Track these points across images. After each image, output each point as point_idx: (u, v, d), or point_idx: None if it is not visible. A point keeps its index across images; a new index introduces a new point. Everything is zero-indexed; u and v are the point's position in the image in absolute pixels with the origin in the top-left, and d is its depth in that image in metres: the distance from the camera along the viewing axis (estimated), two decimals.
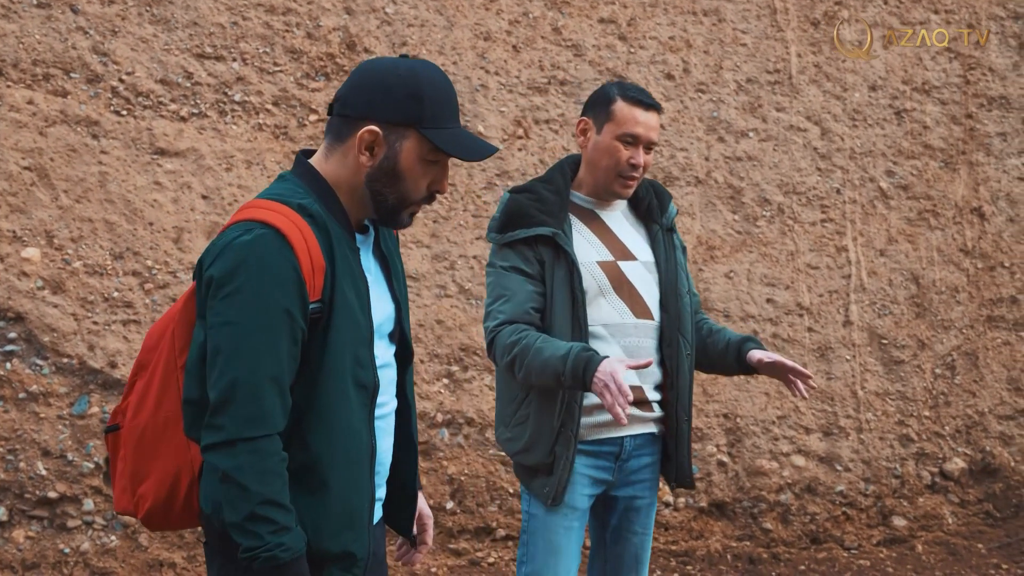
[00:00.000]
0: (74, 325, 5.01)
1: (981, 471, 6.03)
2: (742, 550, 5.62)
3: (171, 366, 2.33)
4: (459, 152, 2.32)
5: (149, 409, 2.35)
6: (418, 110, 2.29)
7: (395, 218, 2.38)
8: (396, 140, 2.30)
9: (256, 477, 2.15)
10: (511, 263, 3.24)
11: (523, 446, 3.28)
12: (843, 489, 5.84)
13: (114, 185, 5.10)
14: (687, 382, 3.40)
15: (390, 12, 5.52)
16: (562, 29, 5.72)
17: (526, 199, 3.29)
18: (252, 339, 2.17)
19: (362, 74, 2.35)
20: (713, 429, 5.74)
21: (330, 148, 2.37)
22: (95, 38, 5.14)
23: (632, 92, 3.30)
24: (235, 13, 5.33)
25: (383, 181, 2.33)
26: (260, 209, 2.26)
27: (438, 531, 5.34)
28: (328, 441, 2.28)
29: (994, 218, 6.16)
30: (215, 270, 2.20)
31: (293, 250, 2.20)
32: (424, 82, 2.31)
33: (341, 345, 2.28)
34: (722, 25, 5.94)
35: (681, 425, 3.39)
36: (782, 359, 3.30)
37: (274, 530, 2.17)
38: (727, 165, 5.88)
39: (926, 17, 6.16)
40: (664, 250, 3.42)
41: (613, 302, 3.28)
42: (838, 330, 5.95)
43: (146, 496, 2.35)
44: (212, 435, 2.17)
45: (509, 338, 3.14)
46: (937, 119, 6.15)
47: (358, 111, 2.31)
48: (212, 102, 5.28)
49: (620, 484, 3.38)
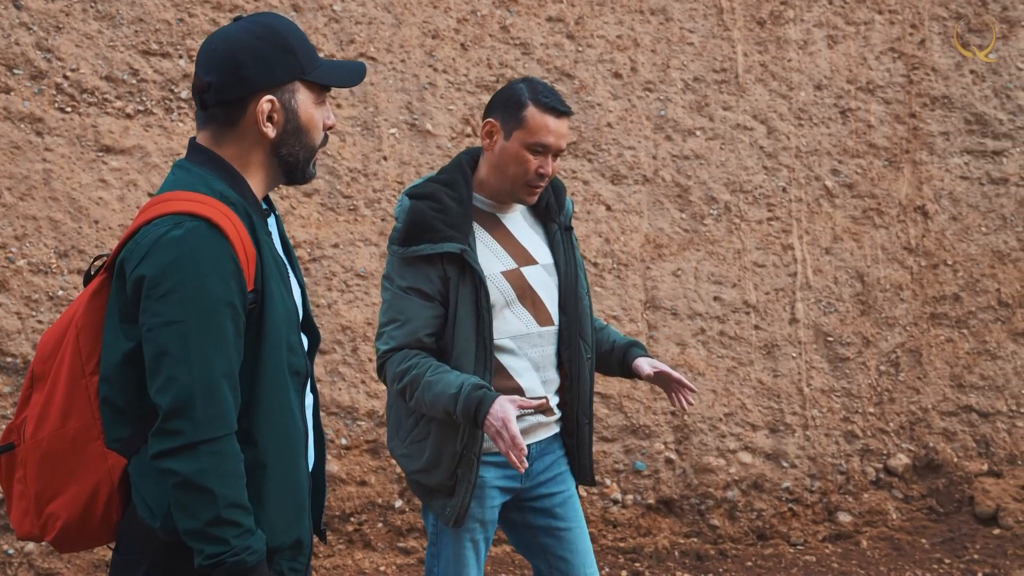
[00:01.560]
0: (18, 324, 4.96)
1: (925, 467, 6.11)
2: (690, 547, 5.66)
3: (76, 375, 2.22)
4: (343, 82, 2.36)
5: (53, 423, 2.23)
6: (295, 62, 2.28)
7: (305, 172, 2.37)
8: (289, 98, 2.29)
9: (220, 480, 2.09)
10: (410, 283, 3.07)
11: (422, 466, 3.15)
12: (789, 485, 5.90)
13: (59, 183, 5.06)
14: (588, 386, 3.31)
15: (338, 9, 5.52)
16: (510, 27, 5.74)
17: (429, 209, 3.09)
18: (200, 338, 2.10)
19: (218, 55, 2.27)
20: (660, 426, 5.77)
21: (219, 135, 2.29)
22: (39, 34, 5.09)
23: (544, 97, 3.13)
24: (181, 10, 5.30)
25: (291, 142, 2.31)
26: (184, 201, 2.18)
27: (386, 529, 5.34)
28: (275, 434, 2.24)
29: (937, 216, 6.24)
30: (146, 269, 2.11)
31: (228, 241, 2.15)
32: (285, 33, 2.29)
33: (276, 334, 2.24)
34: (669, 24, 5.97)
35: (582, 428, 3.32)
36: (667, 369, 3.24)
37: (239, 533, 2.11)
38: (674, 164, 5.92)
39: (870, 17, 6.22)
40: (563, 251, 3.30)
41: (518, 312, 3.17)
42: (784, 328, 6.00)
43: (57, 515, 2.24)
44: (168, 440, 2.09)
45: (399, 366, 3.02)
46: (881, 118, 6.22)
47: (240, 91, 2.25)
48: (158, 99, 5.24)
49: (530, 487, 3.29)
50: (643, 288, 5.83)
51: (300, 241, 5.34)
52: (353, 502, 5.31)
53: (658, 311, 5.81)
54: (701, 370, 5.86)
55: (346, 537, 5.30)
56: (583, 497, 5.59)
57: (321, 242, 5.37)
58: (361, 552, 5.30)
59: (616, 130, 5.84)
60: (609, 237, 5.78)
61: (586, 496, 5.60)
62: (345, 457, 5.32)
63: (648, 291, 5.82)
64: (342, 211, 5.40)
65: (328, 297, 5.36)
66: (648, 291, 5.82)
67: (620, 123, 5.85)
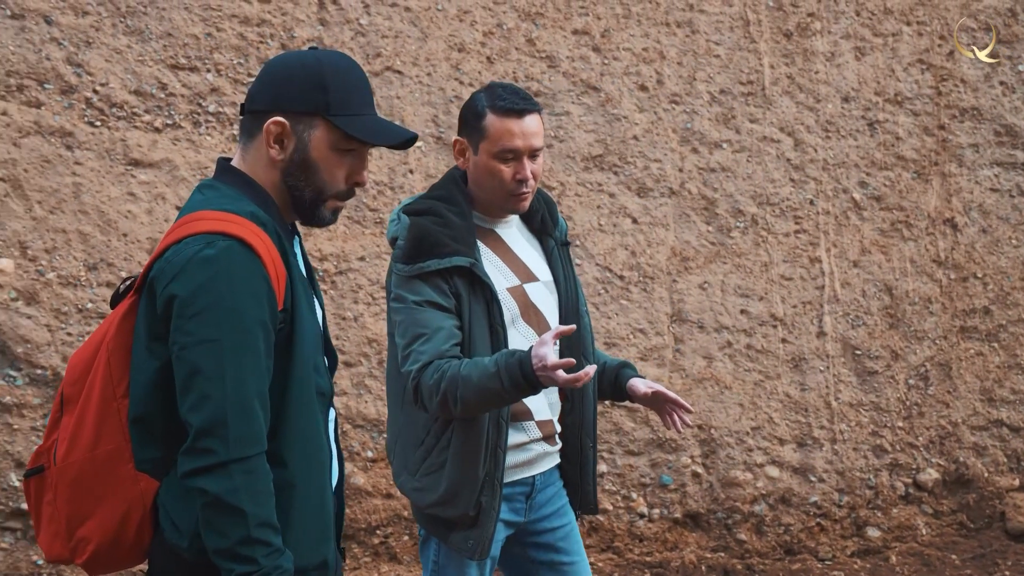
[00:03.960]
0: (48, 336, 5.00)
1: (955, 482, 6.05)
2: (716, 561, 5.63)
3: (107, 398, 2.22)
4: (370, 136, 2.27)
5: (85, 446, 2.23)
6: (323, 97, 2.24)
7: (315, 213, 2.32)
8: (304, 130, 2.25)
9: (252, 499, 2.09)
10: (425, 297, 2.88)
11: (440, 498, 2.95)
12: (817, 500, 5.86)
13: (88, 196, 5.11)
14: (591, 406, 3.17)
15: (364, 23, 5.54)
16: (536, 40, 5.75)
17: (433, 224, 2.93)
18: (234, 357, 2.10)
19: (269, 67, 2.31)
20: (687, 440, 5.75)
21: (244, 148, 2.32)
22: (69, 49, 5.15)
23: (502, 100, 2.94)
24: (209, 24, 5.34)
25: (296, 175, 2.28)
26: (216, 221, 2.18)
27: (412, 542, 5.35)
28: (303, 454, 2.24)
29: (967, 229, 6.19)
30: (178, 288, 2.11)
31: (261, 260, 2.15)
32: (328, 70, 2.26)
33: (303, 354, 2.24)
34: (695, 36, 5.97)
35: (586, 451, 3.18)
36: (662, 389, 3.09)
37: (268, 553, 2.10)
38: (700, 176, 5.91)
39: (898, 29, 6.19)
40: (562, 267, 3.16)
41: (522, 329, 3.02)
42: (812, 341, 5.97)
43: (89, 538, 2.23)
44: (200, 459, 2.09)
45: (431, 379, 2.81)
46: (910, 130, 6.18)
47: (264, 104, 2.26)
48: (186, 113, 5.29)
49: (533, 521, 3.15)
50: (669, 301, 5.81)
51: (326, 254, 5.36)
52: (379, 515, 5.31)
53: (684, 324, 5.80)
54: (728, 384, 5.83)
55: (372, 550, 5.30)
56: (608, 510, 5.57)
57: (347, 255, 5.39)
58: (387, 565, 5.30)
59: (642, 143, 5.84)
60: (635, 250, 5.77)
61: (612, 510, 5.58)
62: (371, 470, 5.33)
63: (674, 304, 5.80)
64: (368, 224, 5.42)
65: (354, 310, 5.38)
66: (674, 304, 5.80)
67: (646, 136, 5.85)
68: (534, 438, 3.08)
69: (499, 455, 2.94)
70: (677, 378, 5.77)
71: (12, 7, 5.08)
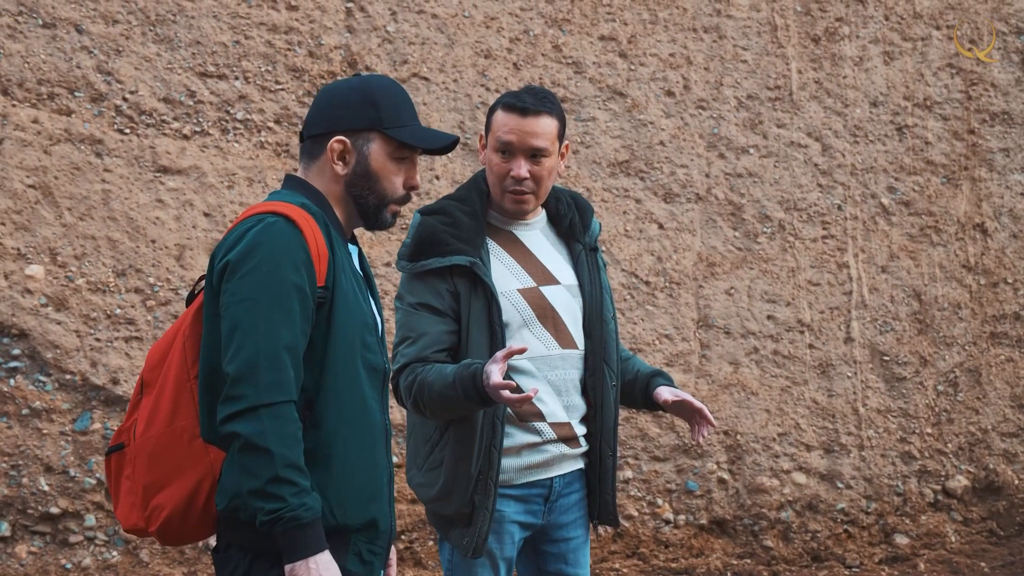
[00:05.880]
0: (77, 342, 5.05)
1: (984, 489, 6.01)
2: (743, 568, 5.62)
3: (183, 380, 2.42)
4: (421, 142, 2.55)
5: (162, 423, 2.42)
6: (376, 113, 2.50)
7: (379, 217, 2.57)
8: (363, 145, 2.51)
9: (279, 440, 2.24)
10: (420, 299, 2.96)
11: (438, 493, 3.00)
12: (844, 507, 5.83)
13: (117, 203, 5.15)
14: (612, 414, 3.14)
15: (391, 30, 5.56)
16: (563, 46, 5.75)
17: (439, 223, 2.99)
18: (269, 313, 2.30)
19: (321, 96, 2.58)
20: (713, 446, 5.73)
21: (307, 169, 2.56)
22: (99, 57, 5.20)
23: (512, 97, 3.00)
24: (237, 32, 5.38)
25: (360, 184, 2.52)
26: (266, 205, 2.43)
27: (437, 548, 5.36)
28: (342, 418, 2.41)
29: (997, 234, 6.15)
30: (231, 256, 2.34)
31: (302, 235, 2.36)
32: (376, 89, 2.54)
33: (345, 329, 2.42)
34: (722, 42, 5.95)
35: (605, 460, 3.15)
36: (689, 398, 3.06)
37: (295, 492, 2.25)
38: (728, 182, 5.89)
39: (927, 33, 6.15)
40: (588, 271, 3.13)
41: (538, 332, 3.02)
42: (839, 347, 5.94)
43: (163, 506, 2.40)
44: (233, 405, 2.26)
45: (405, 382, 2.92)
46: (939, 135, 6.14)
47: (324, 127, 2.52)
48: (214, 120, 5.32)
49: (550, 526, 3.14)
50: (696, 307, 5.80)
51: None
52: (404, 520, 5.33)
53: (711, 330, 5.78)
54: (754, 389, 5.81)
55: (397, 555, 5.32)
56: (633, 516, 5.56)
57: (373, 261, 5.41)
58: (412, 570, 5.32)
59: (669, 148, 5.83)
60: (661, 256, 5.77)
61: (637, 516, 5.58)
62: (396, 475, 5.36)
63: (701, 310, 5.79)
64: (394, 230, 5.45)
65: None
66: (701, 310, 5.79)
67: (673, 141, 5.84)
68: (549, 439, 3.07)
69: (493, 455, 2.96)
70: (703, 384, 5.76)
71: (44, 16, 5.14)
